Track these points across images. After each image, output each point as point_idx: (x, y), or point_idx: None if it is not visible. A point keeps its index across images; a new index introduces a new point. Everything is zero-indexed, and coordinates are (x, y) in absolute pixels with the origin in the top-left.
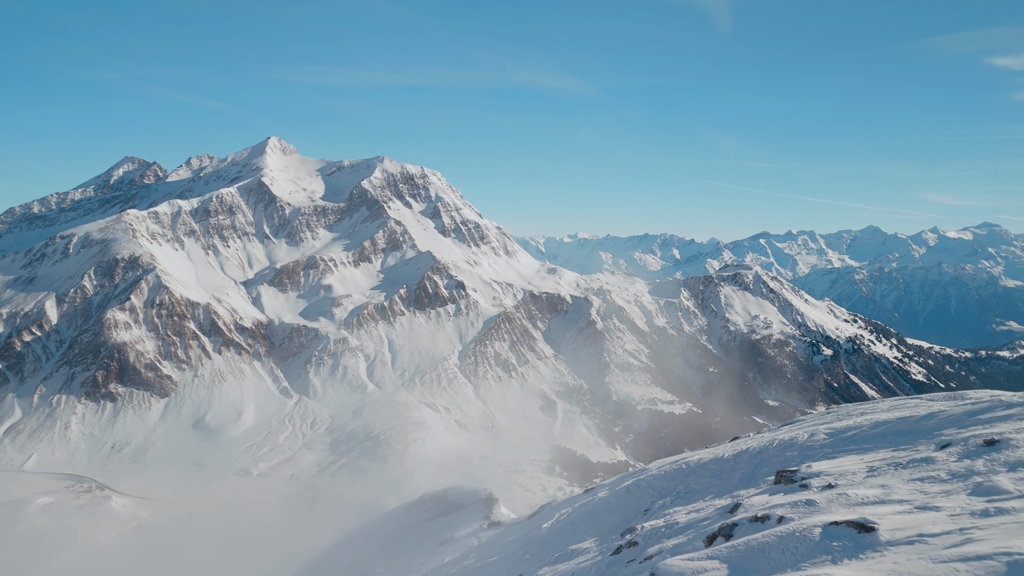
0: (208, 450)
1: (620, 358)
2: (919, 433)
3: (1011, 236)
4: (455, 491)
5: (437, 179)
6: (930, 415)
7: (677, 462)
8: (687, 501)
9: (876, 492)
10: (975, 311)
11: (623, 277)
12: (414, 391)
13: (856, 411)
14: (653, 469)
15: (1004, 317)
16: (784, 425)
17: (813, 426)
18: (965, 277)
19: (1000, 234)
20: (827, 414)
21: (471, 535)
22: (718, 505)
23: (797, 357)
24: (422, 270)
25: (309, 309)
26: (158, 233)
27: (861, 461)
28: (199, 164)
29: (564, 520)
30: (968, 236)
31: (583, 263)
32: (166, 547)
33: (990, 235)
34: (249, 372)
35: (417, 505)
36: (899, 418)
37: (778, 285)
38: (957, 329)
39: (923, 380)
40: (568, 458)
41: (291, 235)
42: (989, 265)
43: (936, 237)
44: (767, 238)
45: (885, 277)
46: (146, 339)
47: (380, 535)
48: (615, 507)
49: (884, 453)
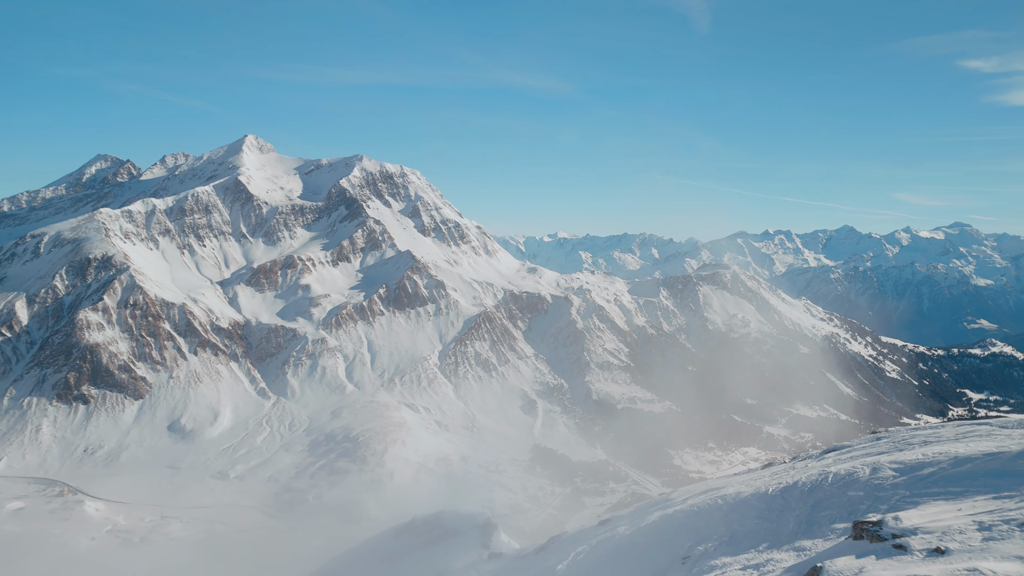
0: (184, 452)
1: (600, 357)
2: (1020, 475)
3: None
4: (449, 515)
5: (416, 178)
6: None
7: (709, 494)
8: (735, 550)
9: (1015, 568)
10: (947, 309)
11: (603, 276)
12: (394, 391)
13: (915, 438)
14: (680, 501)
15: (975, 315)
16: (829, 452)
17: (870, 456)
18: (937, 276)
19: (971, 234)
20: (880, 440)
21: (469, 567)
22: (782, 562)
23: (774, 355)
24: (402, 269)
25: (287, 309)
26: (132, 232)
27: (959, 512)
28: (174, 162)
29: (583, 561)
30: (940, 236)
31: (563, 263)
32: (141, 552)
33: (961, 235)
34: (226, 373)
35: (408, 530)
36: (985, 454)
37: (755, 284)
38: (930, 327)
39: (897, 378)
40: (549, 457)
41: (268, 234)
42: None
43: (909, 237)
44: (744, 237)
45: (860, 276)
46: (119, 340)
47: (367, 562)
48: (643, 549)
49: (985, 501)
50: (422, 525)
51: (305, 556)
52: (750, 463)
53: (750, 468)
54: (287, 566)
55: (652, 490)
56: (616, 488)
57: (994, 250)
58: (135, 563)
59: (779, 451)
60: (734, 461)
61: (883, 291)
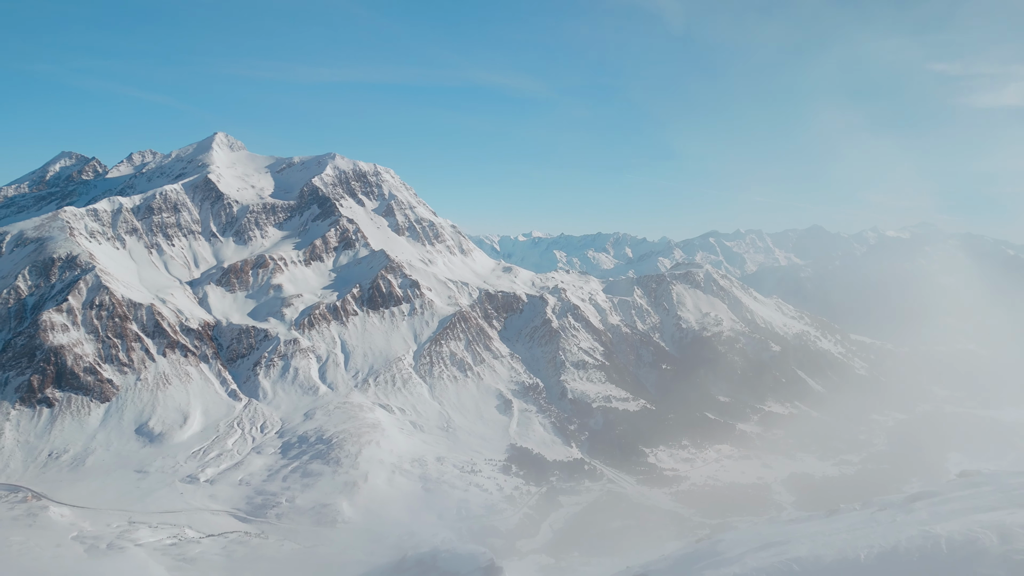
0: (152, 456)
1: (575, 356)
2: None
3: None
4: (446, 556)
5: (390, 176)
6: None
7: (775, 554)
8: None
9: None
10: (913, 307)
11: (577, 275)
12: (368, 392)
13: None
14: (735, 558)
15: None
16: (913, 500)
17: (983, 513)
18: (903, 275)
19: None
20: (981, 488)
21: None
22: None
23: (747, 353)
24: (375, 269)
25: (258, 309)
26: (97, 231)
27: None
28: (141, 160)
29: None
30: (906, 235)
31: (538, 262)
32: (108, 558)
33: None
34: (195, 375)
35: (399, 571)
36: None
37: (728, 283)
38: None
39: (866, 375)
40: (524, 457)
41: (239, 233)
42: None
43: (876, 236)
44: (716, 237)
45: (829, 275)
46: (85, 341)
47: None
48: None
49: None
50: (415, 567)
51: (279, 560)
52: (723, 460)
53: (810, 515)
54: (260, 571)
55: (627, 488)
56: (591, 487)
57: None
58: (102, 570)
59: (752, 448)
60: (707, 459)
61: (852, 289)
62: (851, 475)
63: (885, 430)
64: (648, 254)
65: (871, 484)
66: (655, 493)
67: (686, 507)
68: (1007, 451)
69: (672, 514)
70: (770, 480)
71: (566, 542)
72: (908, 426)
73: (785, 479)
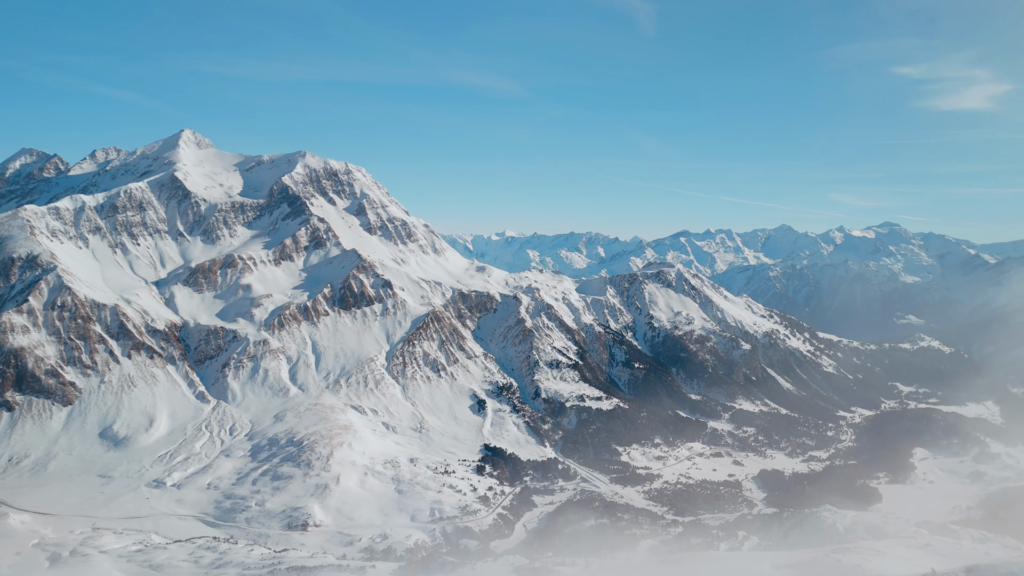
0: (117, 460)
1: (549, 356)
2: None
3: (909, 235)
4: None
5: (362, 175)
6: None
7: None
8: None
9: None
10: (878, 306)
11: (551, 275)
12: (339, 393)
13: None
14: None
15: (904, 311)
16: None
17: None
18: (869, 274)
19: (900, 233)
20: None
21: None
22: None
23: (718, 352)
24: (347, 269)
25: (227, 310)
26: (59, 230)
27: None
28: (105, 157)
29: None
30: (871, 235)
31: (511, 261)
32: (70, 566)
33: (891, 234)
34: (162, 377)
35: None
36: None
37: (699, 282)
38: (862, 323)
39: (833, 372)
40: (498, 457)
41: (207, 232)
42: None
43: (843, 236)
44: (687, 236)
45: (797, 274)
46: (46, 343)
47: None
48: None
49: None
50: None
51: (248, 565)
52: (695, 458)
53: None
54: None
55: (601, 487)
56: (565, 486)
57: (921, 248)
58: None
59: (723, 446)
60: (680, 456)
61: (819, 288)
62: (820, 472)
63: (852, 426)
64: (620, 253)
65: (840, 480)
66: (628, 492)
67: (659, 505)
68: (970, 446)
69: (645, 512)
70: (741, 477)
71: (540, 542)
72: (874, 422)
73: (756, 476)
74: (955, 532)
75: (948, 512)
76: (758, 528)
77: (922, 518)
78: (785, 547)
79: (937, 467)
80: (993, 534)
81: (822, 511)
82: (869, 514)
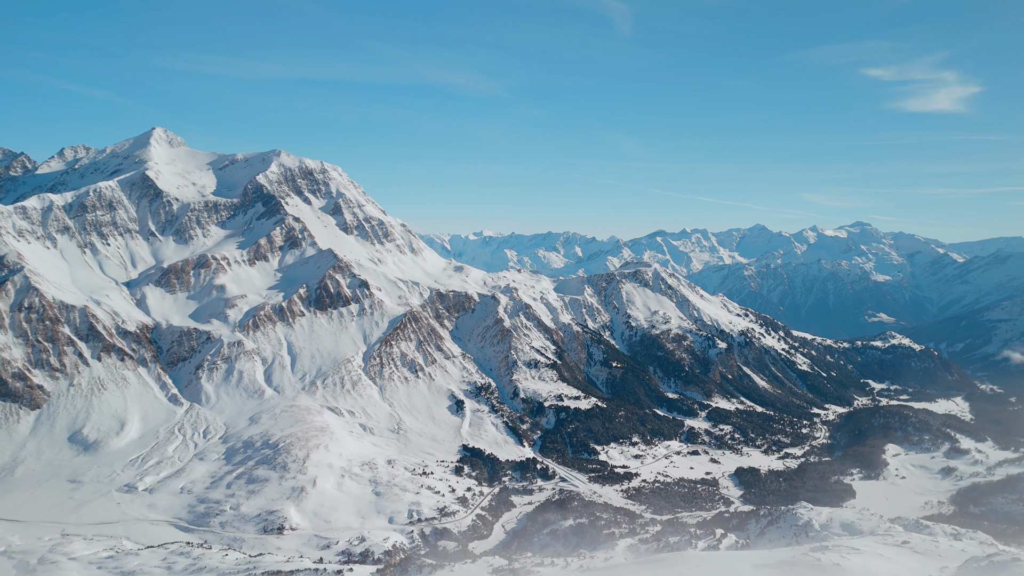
0: (87, 465)
1: (527, 355)
2: None
3: (880, 234)
4: None
5: (338, 174)
6: None
7: None
8: None
9: None
10: (850, 304)
11: (529, 275)
12: (316, 395)
13: None
14: None
15: (875, 309)
16: None
17: None
18: (841, 272)
19: (871, 232)
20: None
21: None
22: None
23: (694, 351)
24: (323, 269)
25: (200, 311)
26: (26, 230)
27: None
28: (74, 155)
29: None
30: (843, 235)
31: (489, 261)
32: (38, 574)
33: (862, 233)
34: (133, 379)
35: None
36: None
37: (676, 282)
38: (835, 321)
39: (808, 370)
40: (477, 458)
41: (179, 232)
42: (862, 261)
43: (816, 235)
44: (663, 236)
45: (771, 273)
46: (13, 346)
47: None
48: None
49: None
50: None
51: (222, 570)
52: (673, 456)
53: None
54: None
55: (580, 487)
56: (544, 486)
57: (891, 248)
58: None
59: (700, 444)
60: (657, 455)
61: (793, 287)
62: (795, 469)
63: (826, 423)
64: (597, 253)
65: (815, 477)
66: (607, 491)
67: (637, 504)
68: (940, 442)
69: (624, 511)
70: (718, 475)
71: (519, 543)
72: (848, 419)
73: (733, 474)
74: (929, 528)
75: (920, 507)
76: (735, 526)
77: (895, 513)
78: (762, 544)
79: (909, 463)
80: (965, 530)
81: (798, 508)
82: (844, 510)
